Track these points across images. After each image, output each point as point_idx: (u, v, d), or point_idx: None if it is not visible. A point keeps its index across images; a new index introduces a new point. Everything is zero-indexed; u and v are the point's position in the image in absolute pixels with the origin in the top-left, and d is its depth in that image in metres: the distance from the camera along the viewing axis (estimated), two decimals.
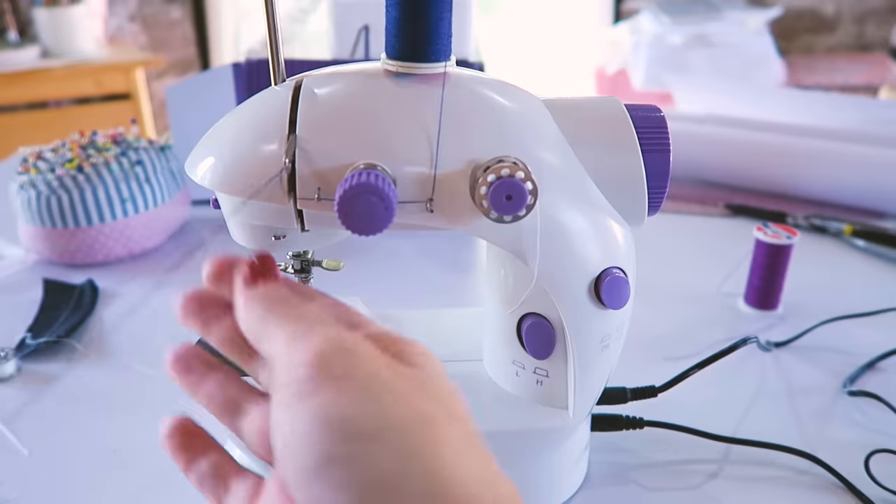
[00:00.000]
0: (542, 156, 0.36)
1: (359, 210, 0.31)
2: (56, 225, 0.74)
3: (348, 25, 1.03)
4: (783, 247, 0.65)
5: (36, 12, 2.08)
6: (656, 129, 0.39)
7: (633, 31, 2.33)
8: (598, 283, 0.38)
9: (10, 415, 0.54)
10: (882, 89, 2.27)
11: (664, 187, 0.39)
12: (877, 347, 0.61)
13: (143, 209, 0.77)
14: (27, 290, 0.72)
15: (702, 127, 1.00)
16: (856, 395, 0.56)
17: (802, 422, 0.53)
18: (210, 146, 0.37)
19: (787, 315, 0.68)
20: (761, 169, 0.95)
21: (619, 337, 0.42)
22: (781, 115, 1.05)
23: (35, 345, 0.61)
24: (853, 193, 0.90)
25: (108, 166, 0.75)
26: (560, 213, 0.37)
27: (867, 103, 1.19)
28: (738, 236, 0.83)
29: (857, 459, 0.48)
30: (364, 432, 0.21)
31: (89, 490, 0.47)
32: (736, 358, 0.53)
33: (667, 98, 1.41)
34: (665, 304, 0.69)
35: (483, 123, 0.36)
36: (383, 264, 0.79)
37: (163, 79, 2.57)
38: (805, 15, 2.64)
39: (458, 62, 0.38)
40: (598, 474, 0.48)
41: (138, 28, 2.53)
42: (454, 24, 0.36)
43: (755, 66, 2.21)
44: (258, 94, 0.38)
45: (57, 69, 2.04)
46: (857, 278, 0.76)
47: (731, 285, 0.72)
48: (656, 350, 0.62)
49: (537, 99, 0.39)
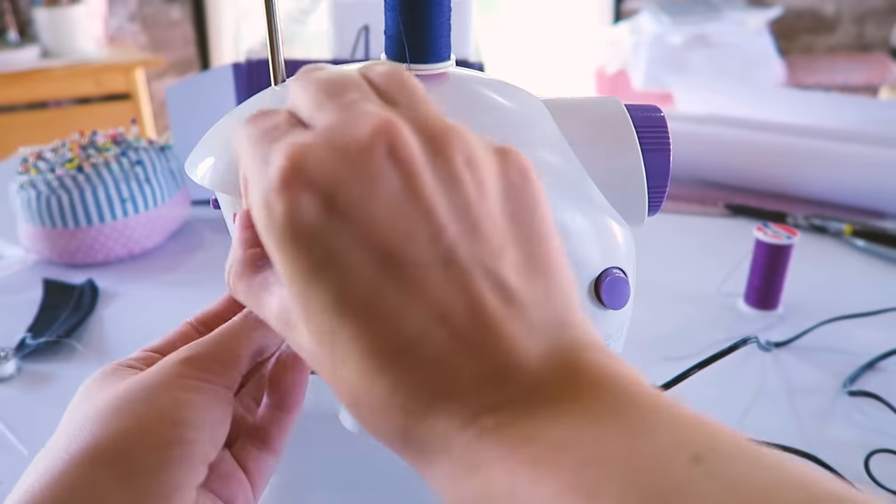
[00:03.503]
0: (542, 156, 0.36)
1: None
2: (56, 225, 0.74)
3: (348, 25, 1.03)
4: (783, 247, 0.65)
5: (36, 12, 2.08)
6: (656, 129, 0.39)
7: (633, 31, 2.33)
8: (598, 283, 0.38)
9: (10, 415, 0.54)
10: (882, 89, 2.28)
11: (664, 187, 0.39)
12: (877, 347, 0.61)
13: (143, 209, 0.77)
14: (27, 290, 0.72)
15: (702, 127, 1.00)
16: (856, 395, 0.56)
17: (802, 422, 0.53)
18: (210, 146, 0.37)
19: (787, 315, 0.68)
20: (761, 169, 0.95)
21: (619, 337, 0.42)
22: (781, 115, 1.05)
23: (35, 345, 0.61)
24: (853, 193, 0.90)
25: (108, 166, 0.75)
26: (560, 213, 0.37)
27: (867, 103, 1.19)
28: (738, 236, 0.83)
29: (857, 459, 0.48)
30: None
31: None
32: (736, 358, 0.53)
33: (667, 98, 1.41)
34: (665, 304, 0.69)
35: (483, 123, 0.35)
36: None
37: (163, 79, 2.57)
38: (805, 15, 2.64)
39: (458, 62, 0.38)
40: None
41: (138, 28, 2.53)
42: (454, 24, 0.36)
43: (755, 66, 2.21)
44: (258, 94, 0.38)
45: (57, 69, 2.04)
46: (857, 278, 0.76)
47: (731, 285, 0.72)
48: (656, 350, 0.62)
49: (537, 99, 0.39)
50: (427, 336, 0.20)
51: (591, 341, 0.21)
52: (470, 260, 0.20)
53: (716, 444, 0.17)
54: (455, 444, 0.19)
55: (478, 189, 0.21)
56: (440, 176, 0.21)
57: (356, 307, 0.20)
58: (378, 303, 0.20)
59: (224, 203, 0.39)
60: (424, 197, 0.20)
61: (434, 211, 0.20)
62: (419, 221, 0.20)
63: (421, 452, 0.20)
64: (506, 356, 0.20)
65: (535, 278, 0.21)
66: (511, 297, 0.21)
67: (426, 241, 0.20)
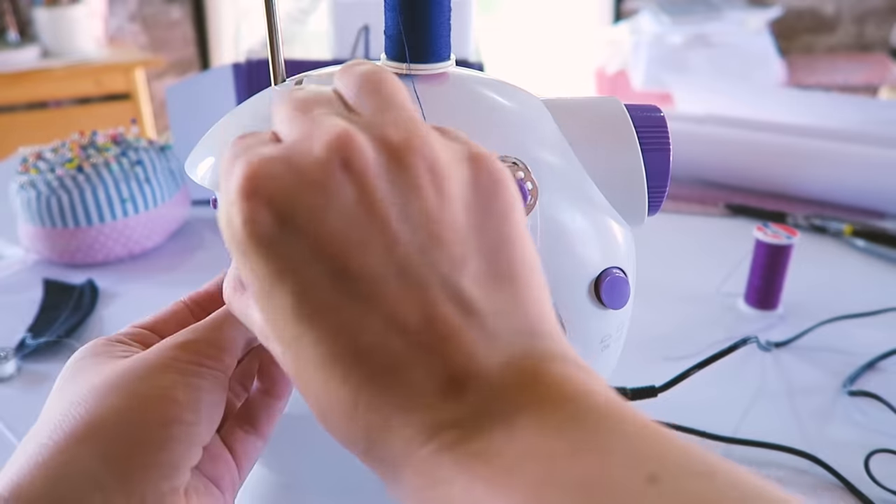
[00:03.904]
0: (542, 156, 0.36)
1: None
2: (56, 225, 0.74)
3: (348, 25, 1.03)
4: (783, 247, 0.65)
5: (36, 12, 2.08)
6: (656, 129, 0.39)
7: (633, 31, 2.33)
8: (598, 283, 0.38)
9: (10, 415, 0.54)
10: (882, 89, 2.28)
11: (664, 187, 0.39)
12: (877, 347, 0.61)
13: (143, 209, 0.77)
14: (27, 290, 0.72)
15: (702, 127, 1.00)
16: (856, 395, 0.56)
17: (802, 422, 0.53)
18: (210, 146, 0.37)
19: (787, 315, 0.68)
20: (761, 169, 0.95)
21: (619, 337, 0.42)
22: (781, 115, 1.05)
23: (35, 345, 0.61)
24: (853, 193, 0.90)
25: (108, 166, 0.75)
26: (560, 213, 0.37)
27: (867, 103, 1.19)
28: (738, 236, 0.83)
29: (857, 459, 0.48)
30: None
31: None
32: (736, 358, 0.53)
33: (667, 98, 1.41)
34: (665, 304, 0.69)
35: (483, 123, 0.35)
36: None
37: (163, 79, 2.57)
38: (805, 15, 2.64)
39: (458, 62, 0.38)
40: None
41: (138, 28, 2.53)
42: (454, 24, 0.36)
43: (755, 66, 2.21)
44: (258, 94, 0.38)
45: (57, 69, 2.04)
46: (857, 278, 0.76)
47: (731, 285, 0.72)
48: (656, 350, 0.62)
49: (537, 99, 0.39)
50: (384, 345, 0.20)
51: (559, 351, 0.21)
52: (426, 270, 0.20)
53: (669, 461, 0.18)
54: (415, 459, 0.20)
55: (439, 197, 0.21)
56: (397, 185, 0.21)
57: (313, 315, 0.20)
58: (335, 312, 0.20)
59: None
60: (378, 208, 0.20)
61: (387, 221, 0.20)
62: (372, 232, 0.20)
63: (384, 464, 0.21)
64: (464, 366, 0.20)
65: (499, 287, 0.21)
66: (470, 307, 0.20)
67: (380, 251, 0.20)
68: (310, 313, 0.20)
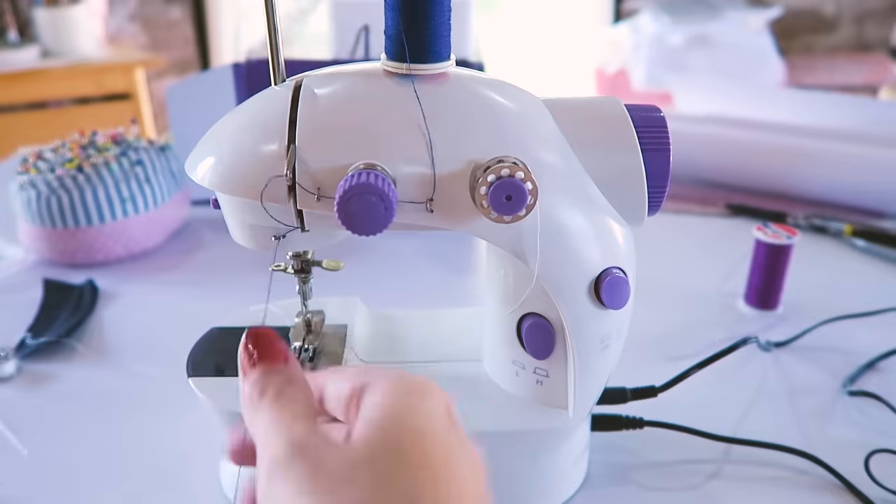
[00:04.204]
0: (542, 156, 0.36)
1: (359, 210, 0.31)
2: (56, 225, 0.74)
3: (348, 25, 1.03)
4: (783, 247, 0.65)
5: (36, 12, 2.08)
6: (656, 129, 0.39)
7: (633, 31, 2.33)
8: (598, 283, 0.38)
9: (11, 415, 0.54)
10: (882, 89, 2.28)
11: (664, 187, 0.39)
12: (877, 347, 0.61)
13: (143, 209, 0.77)
14: (27, 290, 0.72)
15: (702, 127, 1.00)
16: (856, 395, 0.56)
17: (802, 422, 0.53)
18: (210, 146, 0.37)
19: (787, 315, 0.68)
20: (761, 169, 0.95)
21: (619, 337, 0.42)
22: (781, 115, 1.05)
23: (35, 345, 0.61)
24: (853, 193, 0.90)
25: (108, 166, 0.75)
26: (560, 213, 0.37)
27: (867, 103, 1.19)
28: (738, 236, 0.83)
29: (857, 459, 0.48)
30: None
31: (89, 490, 0.47)
32: (736, 358, 0.53)
33: (667, 98, 1.41)
34: (665, 304, 0.69)
35: (483, 123, 0.35)
36: (383, 264, 0.79)
37: (163, 79, 2.57)
38: (805, 15, 2.64)
39: (458, 62, 0.38)
40: (598, 474, 0.48)
41: (138, 28, 2.53)
42: (454, 24, 0.36)
43: (755, 66, 2.21)
44: (258, 94, 0.38)
45: (57, 69, 2.04)
46: (857, 278, 0.76)
47: (731, 285, 0.72)
48: (656, 350, 0.62)
49: (537, 99, 0.39)
50: None
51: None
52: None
53: None
54: None
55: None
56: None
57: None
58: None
59: (224, 203, 0.39)
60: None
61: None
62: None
63: None
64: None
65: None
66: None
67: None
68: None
